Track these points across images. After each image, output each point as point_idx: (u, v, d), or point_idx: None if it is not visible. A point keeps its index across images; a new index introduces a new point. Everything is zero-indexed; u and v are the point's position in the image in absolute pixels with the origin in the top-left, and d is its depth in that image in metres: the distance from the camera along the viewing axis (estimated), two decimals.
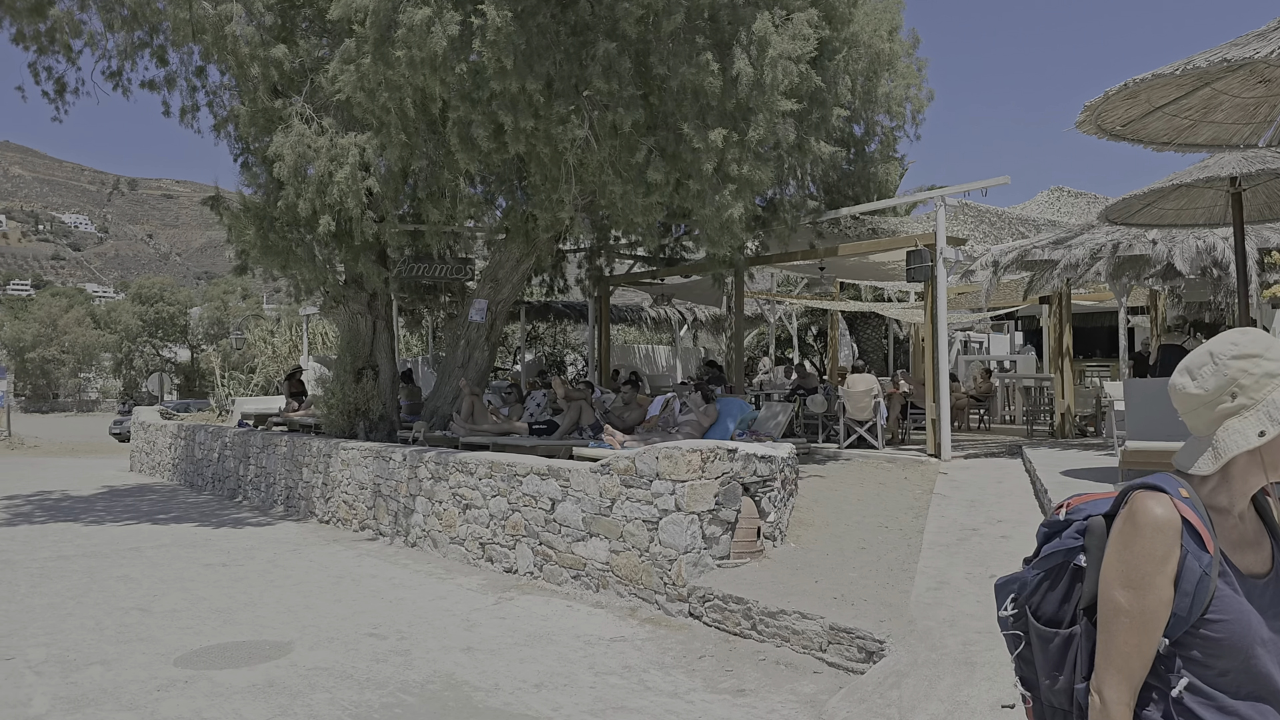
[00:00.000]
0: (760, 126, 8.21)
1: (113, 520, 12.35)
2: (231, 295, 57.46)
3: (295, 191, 10.77)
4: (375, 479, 10.68)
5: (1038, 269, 9.78)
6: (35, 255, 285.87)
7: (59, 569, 9.09)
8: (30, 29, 12.60)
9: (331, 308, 13.11)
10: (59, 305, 61.46)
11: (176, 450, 16.97)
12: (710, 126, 8.14)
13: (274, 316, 60.92)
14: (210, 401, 23.82)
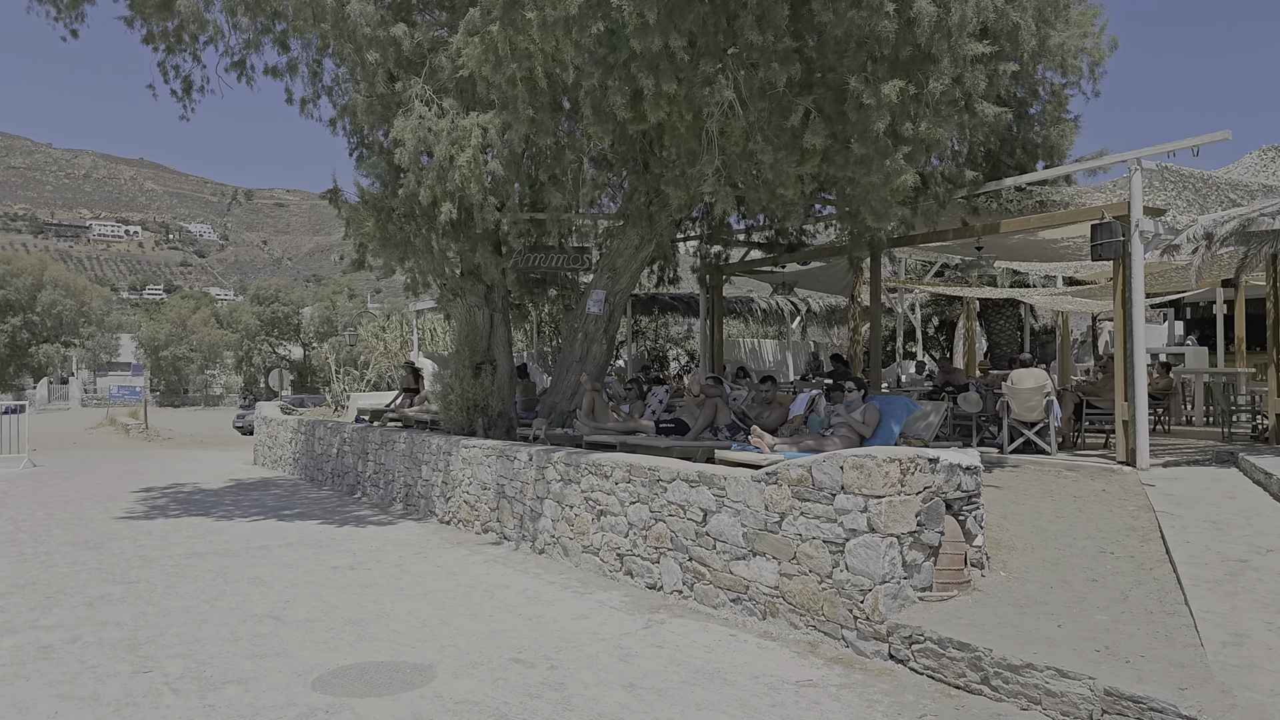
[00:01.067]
0: (944, 76, 6.96)
1: (241, 515, 11.82)
2: (339, 295, 58.22)
3: (416, 179, 10.03)
4: (498, 479, 9.83)
5: (1255, 242, 8.19)
6: (166, 262, 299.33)
7: (193, 568, 8.47)
8: (159, 28, 12.27)
9: (449, 301, 12.36)
10: (187, 307, 63.36)
11: (297, 445, 16.55)
12: (882, 79, 6.93)
13: (383, 314, 61.64)
14: (326, 397, 23.63)
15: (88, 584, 7.86)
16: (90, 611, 6.95)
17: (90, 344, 66.85)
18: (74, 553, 9.27)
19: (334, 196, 12.30)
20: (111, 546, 9.59)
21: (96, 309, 69.63)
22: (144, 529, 10.75)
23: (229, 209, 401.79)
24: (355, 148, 13.05)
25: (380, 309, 61.76)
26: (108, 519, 11.52)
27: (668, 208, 10.84)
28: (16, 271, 67.06)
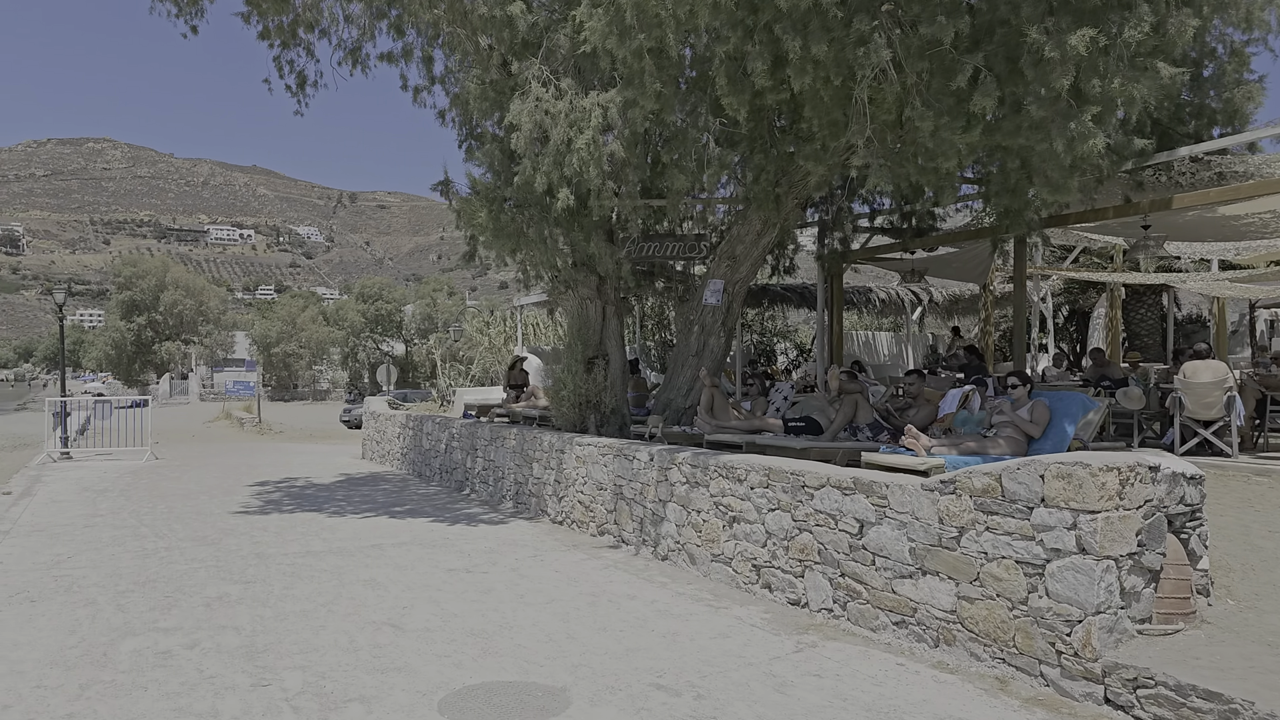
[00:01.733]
0: (1142, 22, 5.97)
1: (353, 511, 11.55)
2: (439, 293, 59.02)
3: (532, 164, 9.49)
4: (616, 479, 9.22)
5: None
6: (277, 264, 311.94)
7: (308, 567, 8.13)
8: (274, 23, 12.14)
9: (559, 293, 11.83)
10: (297, 305, 65.34)
11: (405, 440, 16.36)
12: (1067, 30, 5.99)
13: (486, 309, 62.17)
14: (431, 392, 23.61)
15: (206, 583, 7.57)
16: (208, 613, 6.61)
17: (208, 341, 69.71)
18: (192, 548, 9.06)
19: (445, 188, 11.95)
20: (229, 543, 9.37)
21: (214, 308, 72.56)
22: (260, 524, 10.55)
23: (334, 212, 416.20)
24: (464, 139, 12.75)
25: (476, 305, 62.38)
26: (225, 513, 11.39)
27: (797, 188, 10.05)
28: (142, 274, 70.39)
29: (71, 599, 7.00)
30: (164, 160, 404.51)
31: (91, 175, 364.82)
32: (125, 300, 68.97)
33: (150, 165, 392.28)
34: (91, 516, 11.17)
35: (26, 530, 10.17)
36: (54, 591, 7.23)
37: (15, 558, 8.61)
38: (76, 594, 7.15)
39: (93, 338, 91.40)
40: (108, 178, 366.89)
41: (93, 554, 8.79)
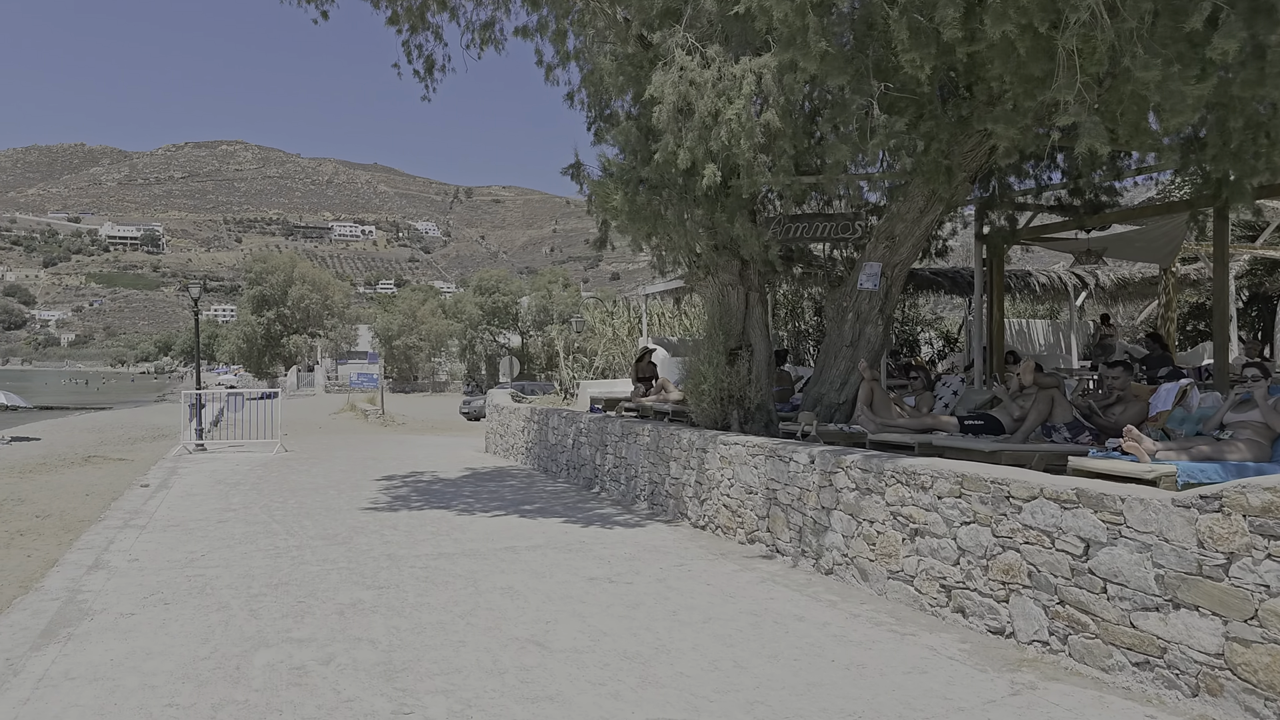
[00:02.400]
0: None
1: (481, 509, 11.22)
2: (555, 284, 59.39)
3: (674, 139, 8.86)
4: (768, 483, 8.49)
5: None
6: (396, 259, 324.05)
7: (442, 572, 7.74)
8: (403, 6, 11.98)
9: (698, 280, 11.16)
10: (417, 299, 67.18)
11: (529, 434, 16.06)
12: None
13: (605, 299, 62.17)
14: (553, 385, 23.43)
15: (338, 587, 7.26)
16: (342, 622, 6.25)
17: (333, 334, 72.52)
18: (324, 548, 8.84)
19: (576, 171, 11.50)
20: (359, 542, 9.12)
21: (338, 302, 75.43)
22: (389, 522, 10.31)
23: (451, 207, 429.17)
24: (593, 121, 12.37)
25: (594, 297, 62.49)
26: (354, 509, 11.25)
27: (970, 157, 9.07)
28: (271, 269, 73.81)
29: (205, 602, 6.79)
30: (291, 160, 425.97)
31: (225, 176, 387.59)
32: (256, 295, 72.48)
33: (278, 165, 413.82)
34: (224, 511, 11.21)
35: (162, 525, 10.23)
36: (187, 593, 7.05)
37: (150, 555, 8.57)
38: (209, 596, 6.94)
39: (225, 332, 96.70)
40: (239, 178, 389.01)
41: (225, 552, 8.67)
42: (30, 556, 10.39)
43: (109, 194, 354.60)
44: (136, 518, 10.79)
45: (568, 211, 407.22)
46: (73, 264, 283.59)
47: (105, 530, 9.99)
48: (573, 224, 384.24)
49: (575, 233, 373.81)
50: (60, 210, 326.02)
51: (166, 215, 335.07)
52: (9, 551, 10.88)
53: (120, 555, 8.55)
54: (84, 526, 11.41)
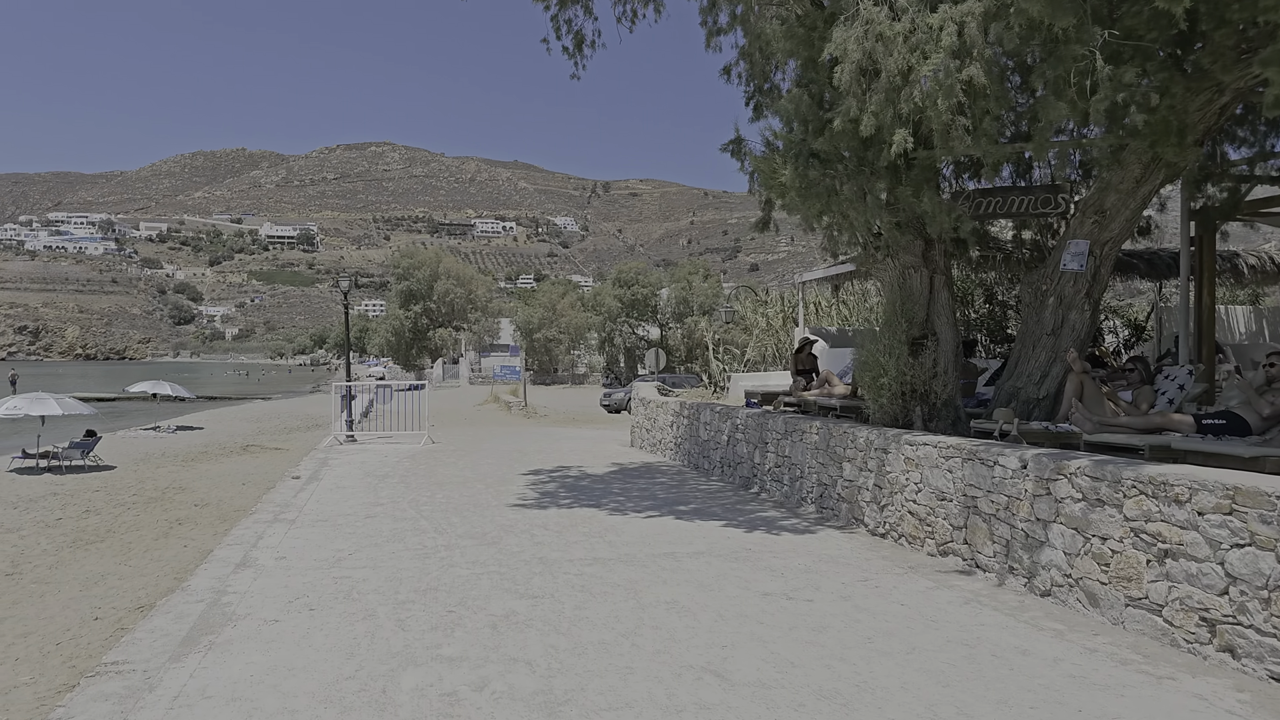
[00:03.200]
0: None
1: (634, 509, 10.65)
2: (694, 276, 58.79)
3: (857, 103, 7.97)
4: (966, 489, 7.48)
5: None
6: (536, 254, 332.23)
7: (598, 580, 7.17)
8: None
9: (874, 262, 10.19)
10: (556, 292, 68.06)
11: (679, 429, 15.43)
12: None
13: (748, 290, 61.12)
14: (698, 377, 22.79)
15: (489, 595, 6.79)
16: (495, 638, 5.74)
17: (476, 328, 74.61)
18: (473, 549, 8.44)
19: (736, 147, 10.79)
20: (509, 543, 8.68)
21: (481, 296, 77.59)
22: (539, 521, 9.87)
23: (589, 202, 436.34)
24: (752, 95, 11.69)
25: (744, 286, 61.54)
26: (502, 506, 10.89)
27: (1211, 110, 7.77)
28: (418, 265, 76.57)
29: (350, 609, 6.43)
30: (436, 160, 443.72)
31: (374, 177, 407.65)
32: (403, 290, 75.38)
33: (424, 165, 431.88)
34: (372, 506, 11.08)
35: (311, 520, 10.14)
36: (333, 598, 6.73)
37: (298, 553, 8.39)
38: (355, 603, 6.59)
39: (375, 325, 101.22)
40: (387, 178, 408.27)
41: (373, 551, 8.41)
42: (186, 546, 10.55)
43: (268, 196, 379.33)
44: (286, 511, 10.79)
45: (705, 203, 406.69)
46: (235, 262, 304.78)
47: (255, 524, 9.97)
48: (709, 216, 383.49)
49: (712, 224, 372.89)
50: (224, 212, 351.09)
51: (320, 215, 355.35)
52: (167, 540, 11.12)
53: (268, 552, 8.42)
54: (238, 517, 11.59)
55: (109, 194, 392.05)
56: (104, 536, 11.35)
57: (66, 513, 13.16)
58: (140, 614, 7.66)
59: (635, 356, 59.62)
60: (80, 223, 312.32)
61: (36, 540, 11.19)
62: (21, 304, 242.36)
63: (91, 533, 11.56)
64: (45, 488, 15.71)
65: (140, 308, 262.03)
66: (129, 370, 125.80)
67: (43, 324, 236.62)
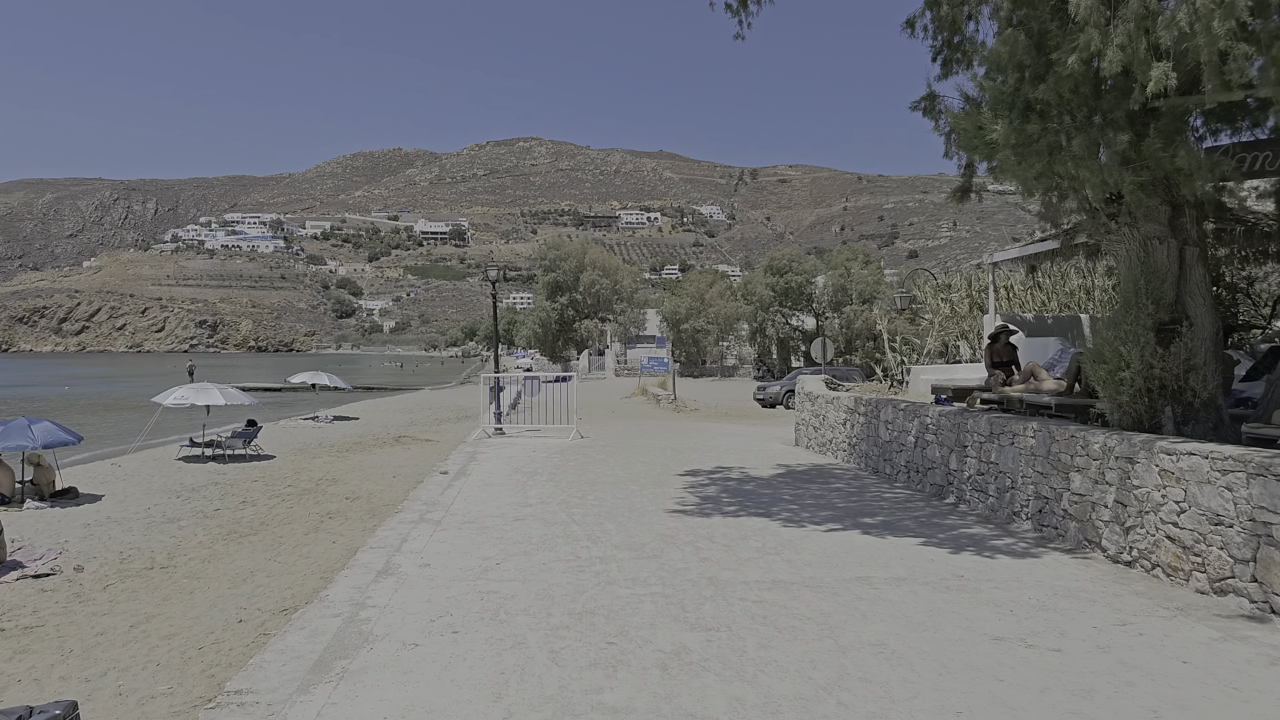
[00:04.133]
0: None
1: (810, 519, 9.49)
2: (853, 262, 56.41)
3: (1100, 35, 6.54)
4: (1255, 512, 5.96)
5: None
6: (680, 244, 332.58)
7: (782, 611, 6.10)
8: None
9: (1107, 231, 8.60)
10: (705, 281, 67.03)
11: (853, 428, 14.09)
12: None
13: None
14: (874, 370, 21.23)
15: (654, 623, 5.83)
16: (666, 683, 4.76)
17: (622, 319, 74.57)
18: (631, 563, 7.53)
19: (929, 104, 9.54)
20: (671, 557, 7.72)
21: (627, 286, 77.48)
22: (703, 531, 8.87)
23: (735, 189, 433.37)
24: (939, 50, 10.35)
25: (896, 275, 58.71)
26: (660, 511, 9.97)
27: None
28: (564, 256, 77.29)
29: (498, 633, 5.61)
30: (581, 153, 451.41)
31: (521, 172, 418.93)
32: (550, 282, 76.25)
33: (570, 158, 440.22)
34: (521, 507, 10.38)
35: (458, 522, 9.52)
36: (479, 619, 5.94)
37: (443, 560, 7.71)
38: (503, 626, 5.77)
39: (522, 317, 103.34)
40: (534, 173, 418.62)
41: (522, 560, 7.62)
42: (335, 543, 10.20)
43: (421, 193, 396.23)
44: (433, 510, 10.23)
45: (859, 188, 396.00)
46: (392, 258, 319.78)
47: (400, 525, 9.43)
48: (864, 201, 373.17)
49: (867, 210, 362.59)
50: (381, 209, 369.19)
51: (470, 210, 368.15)
52: (317, 535, 10.84)
53: (412, 558, 7.78)
54: (386, 512, 11.22)
55: (278, 195, 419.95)
56: (257, 529, 11.24)
57: (224, 503, 13.23)
58: (284, 617, 7.32)
59: (789, 348, 57.80)
60: (253, 223, 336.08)
61: (194, 532, 11.19)
62: (201, 299, 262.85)
63: (246, 525, 11.48)
64: (208, 476, 16.03)
65: (306, 302, 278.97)
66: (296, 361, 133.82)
67: (220, 318, 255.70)
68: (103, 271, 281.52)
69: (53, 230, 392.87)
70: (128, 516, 12.30)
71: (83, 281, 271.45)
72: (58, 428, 13.70)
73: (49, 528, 11.68)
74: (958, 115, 8.76)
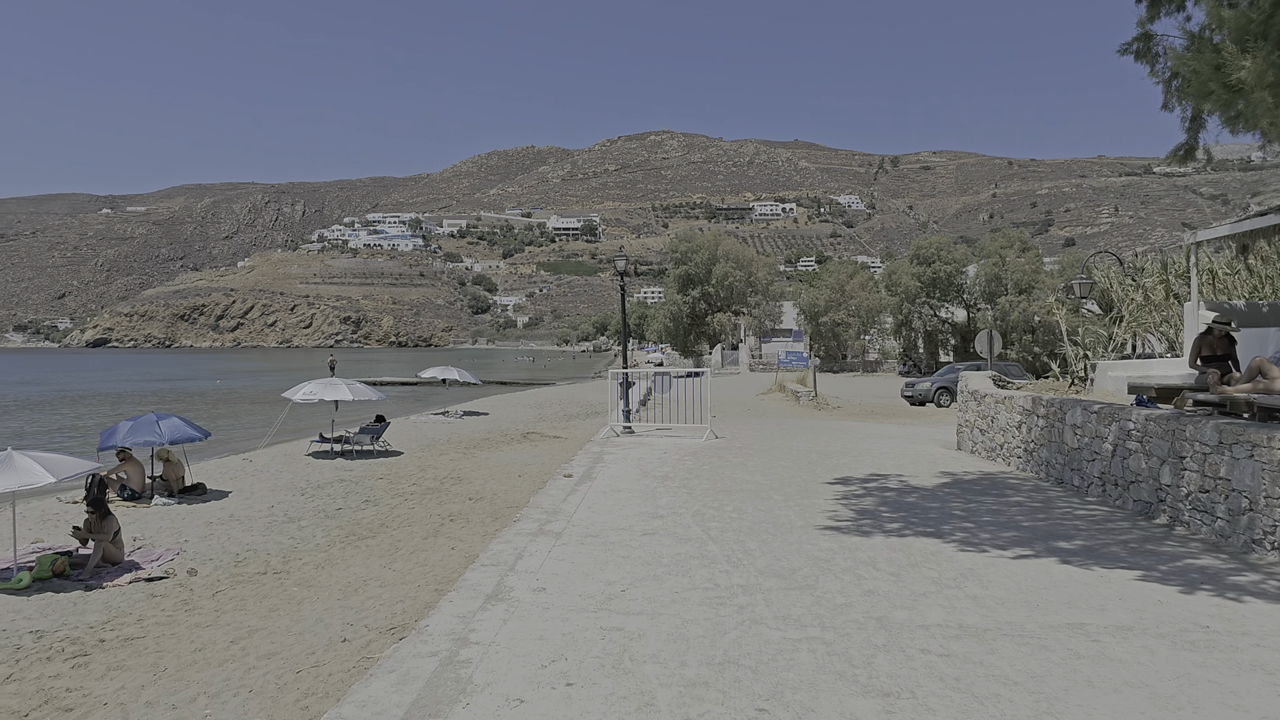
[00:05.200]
0: None
1: (992, 542, 8.12)
2: (1009, 250, 53.04)
3: None
4: None
5: None
6: (817, 235, 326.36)
7: (978, 670, 4.88)
8: None
9: None
10: (845, 272, 64.71)
11: (1031, 431, 12.47)
12: None
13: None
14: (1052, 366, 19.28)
15: (815, 681, 4.71)
16: None
17: (756, 312, 72.90)
18: (781, 594, 6.42)
19: (1143, 46, 8.03)
20: (828, 588, 6.57)
21: (761, 278, 75.73)
22: (863, 554, 7.65)
23: (875, 178, 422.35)
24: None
25: (1057, 262, 54.92)
26: (809, 528, 8.79)
27: None
28: (696, 248, 76.22)
29: (620, 689, 4.63)
30: (714, 145, 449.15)
31: (653, 166, 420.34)
32: (681, 274, 75.33)
33: (702, 151, 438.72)
34: (650, 518, 9.41)
35: (580, 535, 8.62)
36: (598, 666, 4.97)
37: (560, 583, 6.80)
38: (627, 679, 4.78)
39: (653, 312, 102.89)
40: (666, 166, 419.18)
41: (651, 587, 6.63)
42: (454, 549, 9.57)
43: (554, 189, 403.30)
44: (553, 520, 9.39)
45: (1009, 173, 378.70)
46: (525, 254, 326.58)
47: (517, 537, 8.61)
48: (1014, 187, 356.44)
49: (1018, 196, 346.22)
50: (515, 207, 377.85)
51: (602, 206, 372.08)
52: (436, 540, 10.22)
53: (526, 579, 6.92)
54: (510, 514, 10.62)
55: (417, 195, 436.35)
56: (376, 531, 10.78)
57: (347, 502, 12.89)
58: (390, 637, 6.69)
59: (936, 341, 55.04)
60: (393, 222, 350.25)
61: (313, 532, 10.84)
62: (346, 296, 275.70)
63: (365, 526, 11.05)
64: (334, 473, 15.85)
65: (443, 298, 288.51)
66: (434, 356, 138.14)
67: (363, 314, 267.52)
68: (255, 271, 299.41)
69: (210, 232, 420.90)
70: (250, 515, 12.08)
71: (237, 280, 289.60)
72: (185, 423, 13.66)
73: (172, 525, 11.54)
74: (1182, 55, 7.26)
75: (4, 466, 8.40)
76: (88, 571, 9.01)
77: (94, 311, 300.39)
